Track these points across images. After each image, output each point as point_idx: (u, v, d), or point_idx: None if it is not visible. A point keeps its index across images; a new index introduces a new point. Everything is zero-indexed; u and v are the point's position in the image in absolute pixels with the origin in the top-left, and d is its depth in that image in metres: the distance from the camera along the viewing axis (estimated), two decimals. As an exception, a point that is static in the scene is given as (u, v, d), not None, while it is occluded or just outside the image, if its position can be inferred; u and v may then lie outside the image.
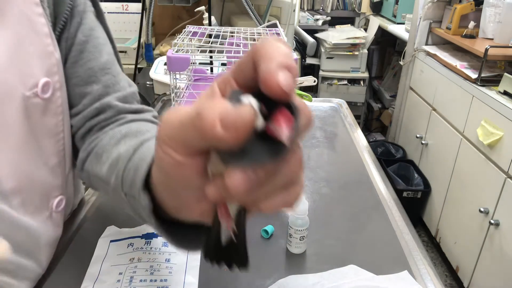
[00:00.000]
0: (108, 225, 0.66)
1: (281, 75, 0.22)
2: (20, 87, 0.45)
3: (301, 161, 0.27)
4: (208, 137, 0.23)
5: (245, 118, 0.22)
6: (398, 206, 0.75)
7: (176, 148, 0.27)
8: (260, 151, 0.23)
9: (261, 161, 0.23)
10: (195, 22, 2.19)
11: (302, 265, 0.60)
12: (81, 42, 0.53)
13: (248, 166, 0.23)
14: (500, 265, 1.52)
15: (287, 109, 0.22)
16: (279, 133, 0.22)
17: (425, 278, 0.59)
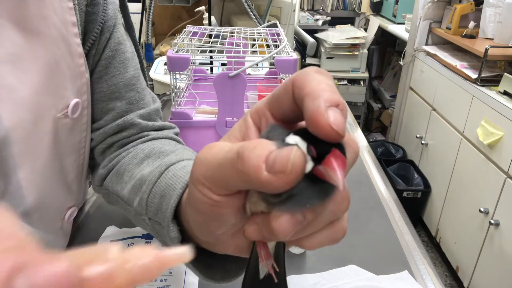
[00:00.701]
0: (108, 225, 0.66)
1: (332, 114, 0.20)
2: (53, 109, 0.44)
3: (348, 197, 0.25)
4: (252, 182, 0.21)
5: (295, 163, 0.20)
6: (398, 206, 0.75)
7: (213, 189, 0.25)
8: (309, 193, 0.22)
9: (310, 203, 0.22)
10: (195, 22, 2.19)
11: (302, 265, 0.60)
12: (107, 57, 0.51)
13: (297, 209, 0.22)
14: (500, 265, 1.52)
15: (338, 149, 0.21)
16: (333, 178, 0.20)
17: (425, 278, 0.59)
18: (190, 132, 0.77)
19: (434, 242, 2.08)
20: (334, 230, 0.26)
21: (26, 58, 0.41)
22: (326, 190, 0.22)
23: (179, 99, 0.78)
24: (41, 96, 0.42)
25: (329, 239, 0.26)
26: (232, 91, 0.71)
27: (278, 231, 0.22)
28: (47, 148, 0.45)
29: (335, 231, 0.26)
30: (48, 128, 0.44)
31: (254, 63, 0.69)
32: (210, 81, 0.83)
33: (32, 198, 0.45)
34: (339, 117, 0.20)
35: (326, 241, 0.26)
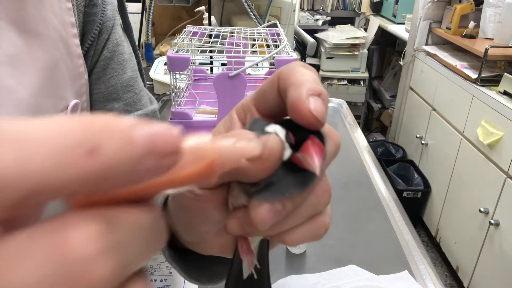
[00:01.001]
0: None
1: (313, 101, 0.21)
2: (52, 111, 0.44)
3: (329, 190, 0.25)
4: (232, 169, 0.21)
5: (272, 150, 0.20)
6: (398, 206, 0.75)
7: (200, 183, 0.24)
8: (287, 182, 0.22)
9: (289, 192, 0.22)
10: (195, 22, 2.19)
11: (302, 265, 0.60)
12: (105, 58, 0.51)
13: (275, 198, 0.22)
14: (500, 265, 1.52)
15: (317, 137, 0.21)
16: (310, 164, 0.20)
17: (425, 278, 0.59)
18: (190, 132, 0.77)
19: (434, 242, 2.08)
20: (315, 225, 0.26)
21: (25, 60, 0.41)
22: (306, 180, 0.22)
23: (179, 99, 0.78)
24: (40, 97, 0.42)
25: (310, 234, 0.26)
26: (232, 91, 0.71)
27: (257, 220, 0.22)
28: None
29: (317, 226, 0.26)
30: None
31: (254, 63, 0.69)
32: (210, 81, 0.83)
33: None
34: (320, 105, 0.21)
35: (308, 236, 0.26)
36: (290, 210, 0.23)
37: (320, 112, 0.21)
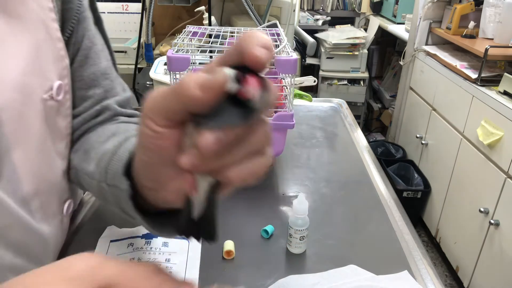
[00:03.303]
0: (108, 225, 0.66)
1: (258, 48, 0.26)
2: (39, 90, 0.47)
3: (268, 133, 0.29)
4: (186, 99, 0.26)
5: (218, 79, 0.25)
6: (398, 206, 0.75)
7: (156, 119, 0.29)
8: (231, 114, 0.26)
9: (231, 123, 0.26)
10: (195, 22, 2.19)
11: (302, 265, 0.60)
12: (86, 47, 0.55)
13: (219, 127, 0.26)
14: (500, 265, 1.52)
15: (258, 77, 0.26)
16: (247, 92, 0.25)
17: (425, 278, 0.59)
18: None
19: (434, 242, 2.08)
20: (255, 162, 0.30)
21: (10, 41, 0.43)
22: (247, 114, 0.26)
23: (179, 99, 0.77)
24: (27, 77, 0.45)
25: (249, 171, 0.29)
26: (232, 91, 0.71)
27: (202, 145, 0.26)
28: (38, 130, 0.47)
29: (257, 164, 0.30)
30: (37, 109, 0.47)
31: (254, 63, 0.69)
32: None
33: (29, 183, 0.47)
34: (264, 52, 0.26)
35: (247, 173, 0.29)
36: (231, 139, 0.27)
37: (262, 55, 0.26)
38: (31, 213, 0.47)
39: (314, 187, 0.81)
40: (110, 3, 2.32)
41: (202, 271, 0.58)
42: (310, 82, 1.10)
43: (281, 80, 0.84)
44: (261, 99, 0.26)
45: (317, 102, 1.25)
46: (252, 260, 0.61)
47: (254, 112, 0.26)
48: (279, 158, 0.90)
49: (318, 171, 0.86)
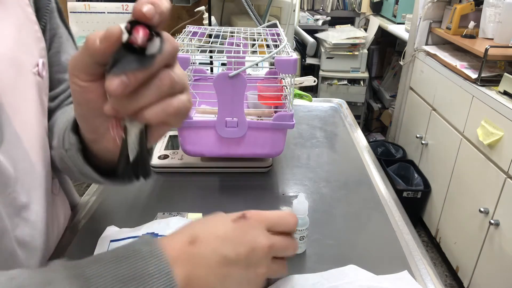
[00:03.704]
0: (108, 225, 0.66)
1: (146, 5, 0.31)
2: (28, 65, 0.51)
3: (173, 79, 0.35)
4: (91, 52, 0.33)
5: (113, 31, 0.31)
6: (398, 206, 0.75)
7: (79, 75, 0.35)
8: (130, 61, 0.32)
9: (130, 67, 0.32)
10: (195, 22, 2.19)
11: (302, 265, 0.60)
12: (61, 34, 0.60)
13: (121, 72, 0.32)
14: (500, 265, 1.52)
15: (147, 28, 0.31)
16: (136, 39, 0.31)
17: (425, 278, 0.59)
18: (190, 132, 0.77)
19: (434, 242, 2.08)
20: (166, 103, 0.35)
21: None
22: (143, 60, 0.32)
23: (179, 99, 0.77)
24: (16, 52, 0.49)
25: (162, 110, 0.35)
26: (232, 91, 0.71)
27: (109, 90, 0.32)
28: (33, 102, 0.52)
29: (168, 104, 0.35)
30: (29, 81, 0.51)
31: (254, 63, 0.69)
32: (210, 81, 0.83)
33: (35, 154, 0.51)
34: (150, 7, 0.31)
35: (161, 113, 0.35)
36: (135, 82, 0.33)
37: (148, 10, 0.31)
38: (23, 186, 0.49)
39: (314, 187, 0.81)
40: (110, 3, 2.32)
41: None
42: (310, 82, 1.10)
43: (281, 80, 0.84)
44: (154, 46, 0.32)
45: (317, 102, 1.25)
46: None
47: (149, 58, 0.32)
48: (279, 158, 0.90)
49: (318, 171, 0.86)
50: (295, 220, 0.45)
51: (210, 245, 0.39)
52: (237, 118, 0.74)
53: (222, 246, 0.39)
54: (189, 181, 0.82)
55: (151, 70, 0.33)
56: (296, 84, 1.10)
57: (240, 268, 0.39)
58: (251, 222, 0.42)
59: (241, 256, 0.39)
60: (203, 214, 0.68)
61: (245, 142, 0.77)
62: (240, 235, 0.41)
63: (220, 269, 0.38)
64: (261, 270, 0.40)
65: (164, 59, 0.34)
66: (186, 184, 0.81)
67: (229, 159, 0.84)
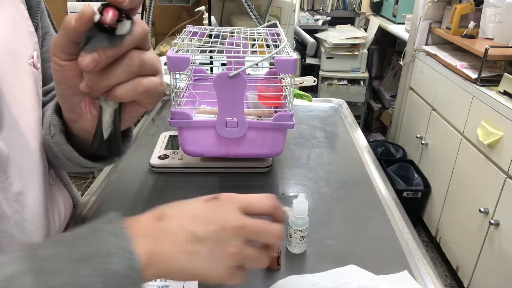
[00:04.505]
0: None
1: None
2: (24, 56, 0.53)
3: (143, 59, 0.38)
4: (67, 31, 0.36)
5: (86, 12, 0.35)
6: (398, 206, 0.75)
7: (58, 54, 0.38)
8: (101, 39, 0.35)
9: (101, 45, 0.35)
10: (195, 22, 2.19)
11: (302, 265, 0.60)
12: (53, 33, 0.62)
13: (93, 49, 0.35)
14: (500, 265, 1.52)
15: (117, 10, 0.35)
16: (105, 18, 0.34)
17: (425, 278, 0.59)
18: (190, 132, 0.77)
19: (434, 242, 2.08)
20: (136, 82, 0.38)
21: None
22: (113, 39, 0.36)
23: (179, 99, 0.78)
24: (13, 43, 0.52)
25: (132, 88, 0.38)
26: (232, 91, 0.71)
27: (81, 65, 0.35)
28: (31, 91, 0.54)
29: (137, 83, 0.39)
30: (26, 71, 0.53)
31: (254, 63, 0.69)
32: (210, 81, 0.83)
33: (33, 139, 0.53)
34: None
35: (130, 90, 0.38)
36: (105, 60, 0.36)
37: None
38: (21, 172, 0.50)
39: (314, 187, 0.81)
40: (110, 3, 2.31)
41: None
42: (310, 82, 1.10)
43: (281, 80, 0.84)
44: (124, 27, 0.36)
45: (317, 102, 1.25)
46: (252, 260, 0.61)
47: (119, 37, 0.36)
48: (279, 158, 0.90)
49: (318, 171, 0.86)
50: (270, 202, 0.43)
51: (178, 221, 0.38)
52: (237, 118, 0.74)
53: (190, 223, 0.38)
54: (189, 181, 0.82)
55: (121, 49, 0.36)
56: (296, 84, 1.10)
57: (208, 246, 0.37)
58: (223, 203, 0.41)
59: (210, 233, 0.37)
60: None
61: (245, 142, 0.77)
62: (210, 213, 0.39)
63: (187, 246, 0.36)
64: (231, 249, 0.37)
65: (134, 40, 0.37)
66: (186, 184, 0.81)
67: (229, 159, 0.84)
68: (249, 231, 0.39)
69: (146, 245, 0.35)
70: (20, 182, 0.50)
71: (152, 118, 1.14)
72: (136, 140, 1.00)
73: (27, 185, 0.52)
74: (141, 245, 0.35)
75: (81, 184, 2.54)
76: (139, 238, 0.35)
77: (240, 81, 0.70)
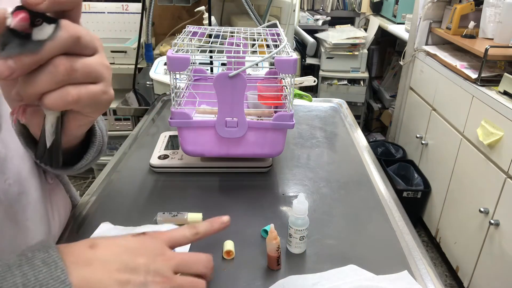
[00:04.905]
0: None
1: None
2: None
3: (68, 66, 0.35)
4: None
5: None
6: (398, 206, 0.75)
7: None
8: (15, 45, 0.33)
9: (14, 52, 0.33)
10: (195, 22, 2.19)
11: (302, 265, 0.60)
12: None
13: (8, 55, 0.33)
14: (500, 265, 1.52)
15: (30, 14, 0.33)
16: (14, 23, 0.32)
17: (425, 278, 0.59)
18: (190, 132, 0.77)
19: (434, 242, 2.08)
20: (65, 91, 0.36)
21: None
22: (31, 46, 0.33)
23: (179, 99, 0.78)
24: None
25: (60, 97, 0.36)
26: (232, 91, 0.71)
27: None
28: None
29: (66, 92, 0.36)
30: None
31: (254, 63, 0.69)
32: (210, 81, 0.83)
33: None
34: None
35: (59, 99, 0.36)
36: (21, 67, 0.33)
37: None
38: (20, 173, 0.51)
39: (314, 187, 0.81)
40: (110, 3, 2.32)
41: (202, 271, 0.58)
42: (310, 82, 1.10)
43: (281, 80, 0.84)
44: (43, 32, 0.33)
45: (317, 102, 1.25)
46: (252, 260, 0.61)
47: (37, 43, 0.33)
48: (279, 158, 0.90)
49: (318, 171, 0.86)
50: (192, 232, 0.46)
51: (111, 251, 0.39)
52: (237, 118, 0.74)
53: (122, 254, 0.39)
54: (189, 181, 0.82)
55: (40, 55, 0.34)
56: (296, 84, 1.10)
57: (139, 276, 0.38)
58: (151, 237, 0.43)
59: (141, 264, 0.39)
60: (203, 214, 0.68)
61: (245, 142, 0.77)
62: (140, 246, 0.41)
63: (120, 275, 0.38)
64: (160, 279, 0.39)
65: (57, 46, 0.34)
66: (186, 184, 0.81)
67: (229, 159, 0.84)
68: (177, 263, 0.42)
69: (81, 272, 0.36)
70: (19, 183, 0.50)
71: (152, 118, 1.14)
72: (136, 140, 1.00)
73: (26, 186, 0.52)
74: (76, 272, 0.35)
75: (81, 184, 2.54)
76: (74, 266, 0.36)
77: (240, 81, 0.70)
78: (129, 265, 0.39)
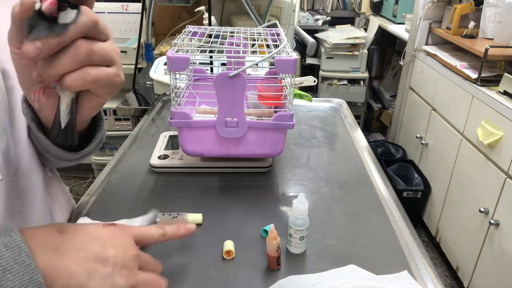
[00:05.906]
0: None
1: None
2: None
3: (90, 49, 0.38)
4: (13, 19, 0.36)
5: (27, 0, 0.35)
6: (398, 206, 0.75)
7: (12, 43, 0.39)
8: (43, 28, 0.35)
9: (41, 34, 0.35)
10: (195, 22, 2.19)
11: (302, 265, 0.60)
12: None
13: (36, 37, 0.35)
14: (500, 265, 1.52)
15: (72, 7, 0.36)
16: (45, 7, 0.34)
17: (425, 278, 0.59)
18: (190, 132, 0.77)
19: (434, 242, 2.08)
20: (85, 71, 0.38)
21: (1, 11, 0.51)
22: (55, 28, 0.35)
23: (179, 99, 0.78)
24: None
25: (80, 77, 0.38)
26: (232, 91, 0.71)
27: (24, 54, 0.35)
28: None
29: (86, 73, 0.38)
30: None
31: (254, 63, 0.69)
32: (210, 81, 0.83)
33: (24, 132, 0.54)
34: None
35: (78, 79, 0.38)
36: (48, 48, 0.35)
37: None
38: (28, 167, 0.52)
39: (314, 187, 0.81)
40: (110, 3, 2.32)
41: (202, 271, 0.58)
42: (310, 82, 1.10)
43: (281, 80, 0.84)
44: (68, 16, 0.36)
45: (317, 102, 1.25)
46: (252, 260, 0.61)
47: (62, 26, 0.36)
48: (279, 158, 0.90)
49: (318, 171, 0.86)
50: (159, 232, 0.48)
51: (80, 237, 0.39)
52: (237, 118, 0.74)
53: (92, 242, 0.39)
54: (189, 181, 0.82)
55: (64, 38, 0.36)
56: (296, 84, 1.10)
57: (107, 268, 0.39)
58: (121, 229, 0.44)
59: (110, 256, 0.39)
60: (203, 214, 0.68)
61: (245, 142, 0.77)
62: (110, 236, 0.42)
63: (88, 264, 0.37)
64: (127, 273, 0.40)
65: (79, 29, 0.36)
66: (186, 184, 0.81)
67: (229, 159, 0.84)
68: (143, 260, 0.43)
69: (46, 257, 0.35)
70: (26, 176, 0.52)
71: (152, 118, 1.14)
72: (136, 140, 1.00)
73: (33, 178, 0.53)
74: (43, 256, 0.35)
75: (81, 184, 2.54)
76: (38, 250, 0.35)
77: (240, 81, 0.70)
78: (99, 254, 0.39)
